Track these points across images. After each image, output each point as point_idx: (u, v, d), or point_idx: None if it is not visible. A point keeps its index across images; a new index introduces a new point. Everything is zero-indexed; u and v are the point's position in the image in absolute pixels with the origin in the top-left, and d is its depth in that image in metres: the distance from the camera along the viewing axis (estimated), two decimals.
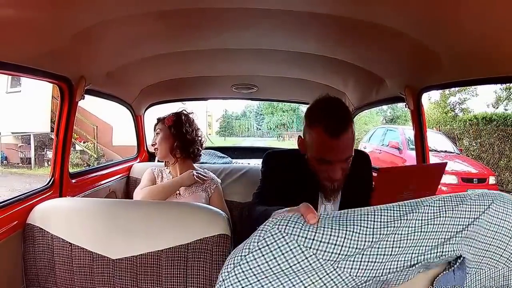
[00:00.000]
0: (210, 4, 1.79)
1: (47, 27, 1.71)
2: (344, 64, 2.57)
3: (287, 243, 0.97)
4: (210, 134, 32.20)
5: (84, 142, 17.35)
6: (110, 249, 1.87)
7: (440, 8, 1.50)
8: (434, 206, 1.01)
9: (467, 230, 1.03)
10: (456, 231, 1.03)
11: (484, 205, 1.04)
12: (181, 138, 2.73)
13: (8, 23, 1.53)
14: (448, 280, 1.07)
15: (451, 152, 11.56)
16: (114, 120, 16.42)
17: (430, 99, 20.32)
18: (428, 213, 1.00)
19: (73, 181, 2.55)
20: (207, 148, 3.83)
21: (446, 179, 9.29)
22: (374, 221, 0.98)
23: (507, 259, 1.09)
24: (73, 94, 2.33)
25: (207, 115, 31.37)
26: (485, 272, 1.10)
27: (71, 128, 2.40)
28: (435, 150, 10.58)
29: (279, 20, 1.94)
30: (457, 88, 18.37)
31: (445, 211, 1.01)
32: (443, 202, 1.02)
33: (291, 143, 28.87)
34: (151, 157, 3.94)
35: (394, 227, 0.99)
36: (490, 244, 1.07)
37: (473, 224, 1.04)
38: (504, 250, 1.08)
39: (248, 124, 37.83)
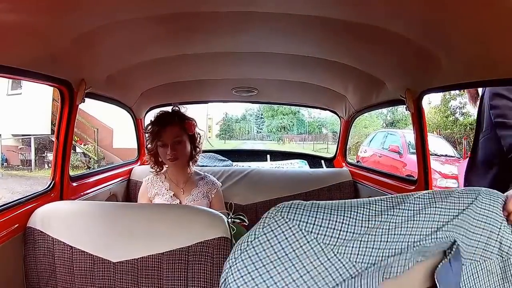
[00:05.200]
0: (210, 8, 1.79)
1: (48, 31, 1.71)
2: (344, 67, 2.57)
3: (290, 228, 1.08)
4: (210, 137, 32.18)
5: (84, 145, 17.35)
6: (111, 252, 1.87)
7: (440, 11, 1.50)
8: (423, 198, 1.16)
9: (457, 219, 1.19)
10: (447, 220, 1.17)
11: (471, 198, 1.22)
12: (193, 142, 2.70)
13: (9, 27, 1.53)
14: (447, 271, 1.18)
15: (451, 156, 11.54)
16: (114, 122, 16.42)
17: (430, 103, 20.34)
18: (418, 203, 1.15)
19: (74, 184, 2.54)
20: (207, 151, 3.83)
21: (447, 183, 9.27)
22: (369, 209, 1.12)
23: (499, 249, 1.25)
24: (74, 97, 2.33)
25: (208, 118, 31.37)
26: (481, 264, 1.24)
27: (72, 131, 2.40)
28: (436, 154, 10.57)
29: (279, 24, 1.95)
30: (457, 92, 18.37)
31: (435, 202, 1.17)
32: (432, 195, 1.18)
33: (291, 146, 28.91)
34: None
35: (387, 215, 1.12)
36: (481, 235, 1.23)
37: (463, 214, 1.20)
38: (495, 240, 1.24)
39: (248, 127, 37.83)
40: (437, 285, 1.17)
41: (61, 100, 2.34)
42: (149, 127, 2.62)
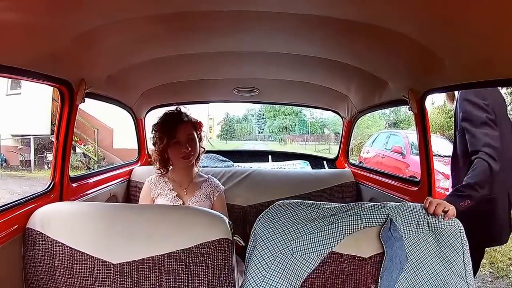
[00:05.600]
0: (211, 7, 1.79)
1: (48, 30, 1.71)
2: (347, 67, 2.56)
3: (291, 204, 1.86)
4: (211, 138, 32.18)
5: (84, 145, 17.37)
6: (111, 254, 1.87)
7: (443, 10, 1.50)
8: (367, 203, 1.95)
9: (388, 207, 1.90)
10: (382, 207, 1.90)
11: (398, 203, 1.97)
12: (200, 141, 2.72)
13: (8, 26, 1.53)
14: (389, 236, 1.83)
15: None
16: (115, 123, 16.43)
17: (433, 103, 20.28)
18: (365, 203, 1.94)
19: (74, 185, 2.55)
20: (208, 151, 3.83)
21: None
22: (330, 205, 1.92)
23: (428, 226, 1.91)
24: (74, 97, 2.33)
25: (209, 118, 31.40)
26: (417, 236, 1.90)
27: (72, 131, 2.39)
28: (439, 155, 10.53)
29: (281, 23, 1.94)
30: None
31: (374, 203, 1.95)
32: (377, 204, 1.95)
33: (293, 147, 28.90)
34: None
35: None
36: (411, 218, 1.91)
37: (392, 204, 1.92)
38: (423, 221, 1.92)
39: (250, 128, 37.90)
40: (383, 244, 1.82)
41: (61, 100, 2.34)
42: (159, 125, 2.63)
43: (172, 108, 2.73)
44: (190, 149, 2.58)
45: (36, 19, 1.59)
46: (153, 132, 2.67)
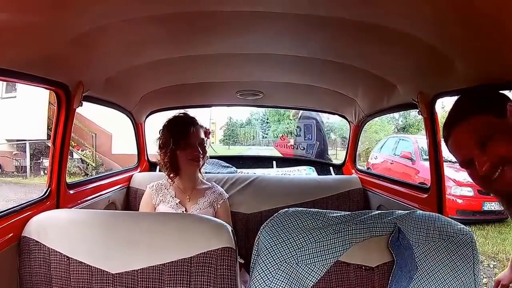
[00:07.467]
0: (213, 7, 1.79)
1: (44, 31, 1.71)
2: (354, 70, 2.56)
3: (295, 212, 1.86)
4: (213, 143, 32.12)
5: (82, 150, 17.37)
6: (110, 263, 1.87)
7: (454, 11, 1.49)
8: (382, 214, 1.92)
9: (397, 215, 1.90)
10: (389, 216, 1.88)
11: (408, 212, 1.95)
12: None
13: (3, 28, 1.53)
14: (398, 245, 1.81)
15: None
16: (113, 127, 16.42)
17: (443, 107, 20.24)
18: (373, 212, 1.94)
19: (71, 191, 2.54)
20: (211, 157, 3.82)
21: (462, 191, 9.19)
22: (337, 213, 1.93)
23: (439, 234, 1.86)
24: (71, 101, 2.33)
25: (211, 122, 31.35)
26: (428, 245, 1.85)
27: (69, 136, 2.40)
28: (450, 161, 10.48)
29: (286, 24, 1.94)
30: None
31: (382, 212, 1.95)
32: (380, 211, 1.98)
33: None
34: (152, 166, 3.94)
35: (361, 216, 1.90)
36: (420, 227, 1.88)
37: (400, 213, 1.91)
38: (433, 230, 1.87)
39: (254, 132, 37.74)
40: (392, 252, 1.80)
41: (57, 103, 2.34)
42: (170, 126, 2.65)
43: (173, 112, 2.74)
44: (202, 152, 2.63)
45: (31, 20, 1.59)
46: (161, 134, 2.68)
